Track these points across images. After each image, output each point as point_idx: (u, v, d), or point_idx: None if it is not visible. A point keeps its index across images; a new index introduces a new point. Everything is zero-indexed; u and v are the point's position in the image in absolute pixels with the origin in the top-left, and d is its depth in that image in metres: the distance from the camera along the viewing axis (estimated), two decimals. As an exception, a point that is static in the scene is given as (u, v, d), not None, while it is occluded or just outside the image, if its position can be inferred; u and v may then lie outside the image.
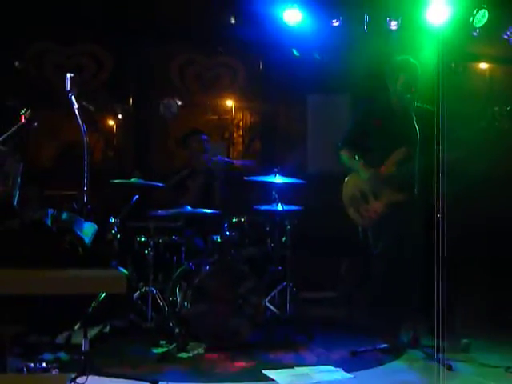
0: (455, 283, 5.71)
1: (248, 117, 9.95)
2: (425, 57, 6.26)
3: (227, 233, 6.64)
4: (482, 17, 7.73)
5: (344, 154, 6.37)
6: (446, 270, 5.28)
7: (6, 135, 5.05)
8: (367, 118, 6.32)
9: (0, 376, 2.64)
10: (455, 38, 7.76)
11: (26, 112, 5.20)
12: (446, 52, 6.71)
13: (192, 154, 7.72)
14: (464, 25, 7.81)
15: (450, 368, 5.32)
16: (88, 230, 3.17)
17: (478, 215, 8.13)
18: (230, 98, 9.82)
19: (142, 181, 6.58)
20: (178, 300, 6.28)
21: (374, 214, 6.09)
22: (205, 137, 7.76)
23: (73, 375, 4.67)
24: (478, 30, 7.85)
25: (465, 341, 6.02)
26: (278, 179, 6.88)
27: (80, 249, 3.00)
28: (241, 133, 9.90)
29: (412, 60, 6.12)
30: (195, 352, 5.85)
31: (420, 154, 5.63)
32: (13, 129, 5.17)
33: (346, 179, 6.42)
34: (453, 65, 8.64)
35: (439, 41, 7.28)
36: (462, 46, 8.29)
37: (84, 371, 4.77)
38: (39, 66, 8.96)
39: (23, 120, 5.19)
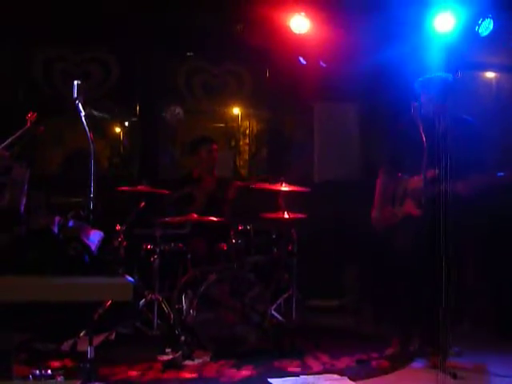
0: (462, 292, 5.70)
1: (255, 125, 9.97)
2: (431, 65, 6.24)
3: (233, 240, 6.64)
4: (487, 26, 7.74)
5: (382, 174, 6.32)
6: (453, 279, 5.28)
7: (11, 139, 5.06)
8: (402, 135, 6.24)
9: (6, 383, 2.64)
10: (461, 46, 7.77)
11: (31, 115, 5.21)
12: (452, 61, 6.72)
13: (201, 163, 7.69)
14: (470, 34, 7.82)
15: (455, 376, 5.30)
16: (94, 237, 3.18)
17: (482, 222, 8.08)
18: (237, 106, 9.84)
19: (148, 188, 6.59)
20: (184, 308, 6.28)
21: (394, 218, 6.07)
22: (215, 146, 7.72)
23: (78, 382, 4.67)
24: (483, 39, 7.85)
25: (456, 349, 5.97)
26: (285, 187, 6.88)
27: (86, 256, 3.01)
28: (247, 141, 9.91)
29: (443, 75, 6.07)
30: (201, 360, 5.84)
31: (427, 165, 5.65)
32: (18, 132, 5.18)
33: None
34: (459, 74, 8.63)
35: (446, 49, 7.29)
36: (468, 54, 8.30)
37: (89, 378, 4.77)
38: (47, 72, 8.99)
39: (29, 124, 5.20)
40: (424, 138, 5.66)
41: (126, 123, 9.60)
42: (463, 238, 5.64)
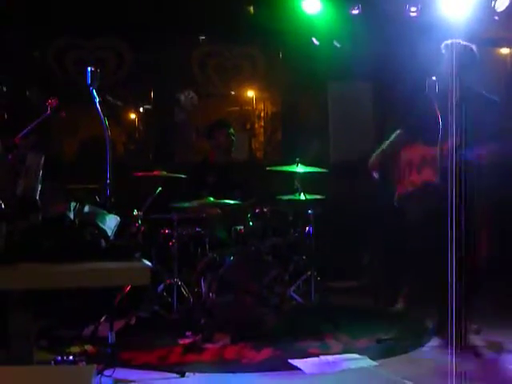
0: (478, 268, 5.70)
1: (269, 107, 9.95)
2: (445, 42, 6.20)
3: (250, 223, 6.64)
4: (503, 1, 7.66)
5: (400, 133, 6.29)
6: (467, 256, 5.26)
7: (31, 126, 5.08)
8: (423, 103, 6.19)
9: (27, 367, 2.67)
10: (476, 23, 7.70)
11: (51, 101, 5.20)
12: (466, 37, 6.66)
13: (218, 147, 7.63)
14: (485, 9, 7.75)
15: (476, 355, 5.30)
16: (111, 222, 3.18)
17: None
18: (251, 89, 9.82)
19: (164, 173, 6.60)
20: (203, 291, 6.30)
21: (411, 186, 6.06)
22: (232, 130, 7.67)
23: (100, 367, 4.70)
24: (499, 15, 7.78)
25: (474, 326, 5.95)
26: (301, 168, 6.86)
27: (103, 242, 3.02)
28: (262, 123, 9.90)
29: (462, 42, 6.04)
30: (221, 343, 5.87)
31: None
32: (38, 119, 5.19)
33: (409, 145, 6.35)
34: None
35: (459, 26, 7.23)
36: (483, 30, 8.22)
37: (111, 363, 4.81)
38: (61, 60, 9.01)
39: (49, 110, 5.20)
40: (439, 115, 5.64)
41: (141, 109, 9.61)
42: (477, 211, 5.63)
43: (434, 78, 5.87)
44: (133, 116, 9.60)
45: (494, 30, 8.53)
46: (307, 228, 6.98)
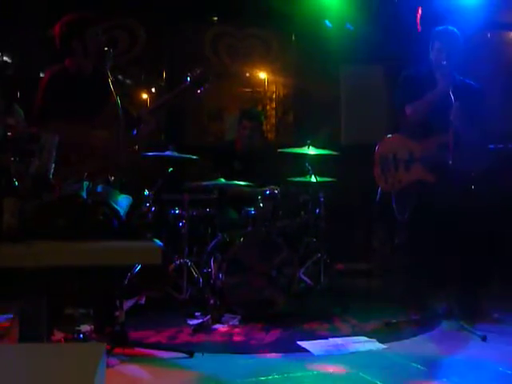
0: (489, 255, 5.69)
1: (281, 89, 9.93)
2: (459, 26, 6.18)
3: (261, 205, 6.64)
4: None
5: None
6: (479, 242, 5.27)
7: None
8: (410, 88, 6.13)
9: (38, 345, 2.69)
10: (490, 7, 7.68)
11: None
12: (480, 21, 6.65)
13: (240, 135, 7.53)
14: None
15: (484, 339, 5.30)
16: (123, 202, 3.20)
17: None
18: (263, 71, 9.80)
19: (176, 154, 6.60)
20: (213, 272, 6.32)
21: (398, 184, 6.01)
22: (259, 122, 7.61)
23: (109, 346, 4.73)
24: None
25: (496, 315, 5.98)
26: (312, 151, 6.86)
27: (115, 221, 3.03)
28: (274, 105, 9.88)
29: (451, 29, 6.02)
30: (230, 323, 5.90)
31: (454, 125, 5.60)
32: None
33: (386, 137, 6.27)
34: (488, 34, 8.54)
35: (474, 10, 7.22)
36: (497, 15, 8.19)
37: (120, 342, 4.83)
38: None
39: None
40: (452, 100, 5.62)
41: (153, 89, 9.60)
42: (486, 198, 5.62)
43: (444, 62, 5.85)
44: (145, 96, 9.59)
45: (507, 15, 8.50)
46: (317, 210, 6.98)
